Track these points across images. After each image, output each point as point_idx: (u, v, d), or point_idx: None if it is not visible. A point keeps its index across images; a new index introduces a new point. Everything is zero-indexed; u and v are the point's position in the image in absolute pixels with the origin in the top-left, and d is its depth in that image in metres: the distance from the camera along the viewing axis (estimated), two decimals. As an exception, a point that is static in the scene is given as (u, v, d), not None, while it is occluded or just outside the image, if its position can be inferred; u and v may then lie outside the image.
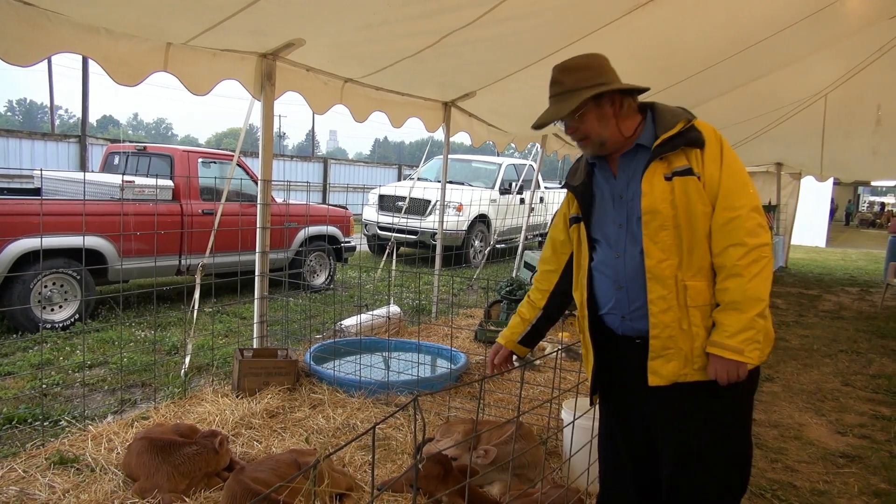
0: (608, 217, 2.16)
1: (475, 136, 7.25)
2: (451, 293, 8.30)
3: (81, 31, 3.43)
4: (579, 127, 2.10)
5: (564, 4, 4.46)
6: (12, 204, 5.39)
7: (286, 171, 20.33)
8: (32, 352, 5.03)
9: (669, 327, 2.02)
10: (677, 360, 2.03)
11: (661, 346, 2.04)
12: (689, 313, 2.02)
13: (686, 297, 2.01)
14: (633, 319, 2.11)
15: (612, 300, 2.16)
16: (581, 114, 2.08)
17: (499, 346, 2.52)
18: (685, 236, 2.01)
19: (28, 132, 14.38)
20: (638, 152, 2.11)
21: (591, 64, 2.12)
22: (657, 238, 2.02)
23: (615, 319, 2.17)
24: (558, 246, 2.40)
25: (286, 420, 3.85)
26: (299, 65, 4.71)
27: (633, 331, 2.13)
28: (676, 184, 2.00)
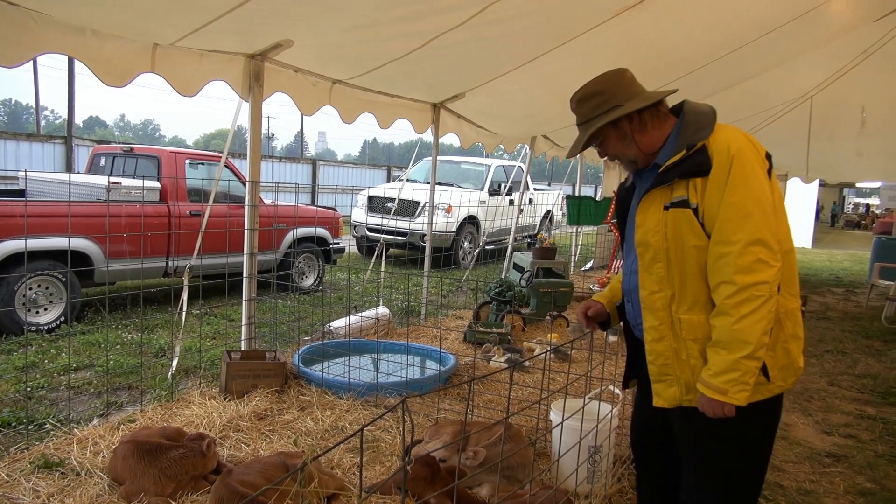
0: (628, 231, 2.20)
1: (464, 137, 7.26)
2: (440, 294, 8.30)
3: (67, 32, 3.40)
4: (606, 150, 2.14)
5: (552, 7, 4.48)
6: (0, 205, 5.33)
7: (275, 173, 20.25)
8: (17, 355, 4.98)
9: (663, 356, 2.03)
10: (677, 386, 2.03)
11: (658, 372, 2.06)
12: (686, 345, 1.99)
13: (681, 330, 1.99)
14: (640, 331, 2.15)
15: (629, 306, 2.24)
16: (602, 140, 2.12)
17: (596, 302, 2.40)
18: (676, 269, 1.96)
19: (13, 133, 14.24)
20: (652, 172, 2.06)
21: (603, 88, 2.08)
22: (651, 269, 2.02)
23: (631, 322, 2.26)
24: None
25: (274, 422, 3.83)
26: (287, 66, 4.70)
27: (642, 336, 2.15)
28: (671, 216, 1.95)
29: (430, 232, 6.89)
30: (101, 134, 75.77)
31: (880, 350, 6.96)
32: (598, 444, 3.11)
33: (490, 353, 5.42)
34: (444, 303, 8.08)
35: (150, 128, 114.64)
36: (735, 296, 1.83)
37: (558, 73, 5.82)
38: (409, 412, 1.62)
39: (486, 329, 6.00)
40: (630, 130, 2.06)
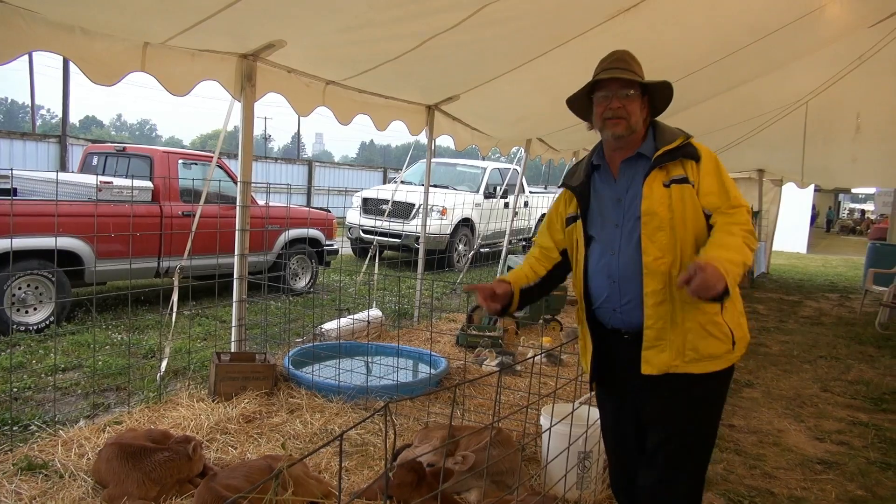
0: (606, 217, 2.33)
1: (459, 139, 7.24)
2: (433, 297, 8.27)
3: (57, 30, 3.37)
4: (625, 105, 2.24)
5: (546, 9, 4.47)
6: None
7: (271, 174, 20.19)
8: (4, 355, 4.93)
9: (662, 319, 2.19)
10: (669, 351, 2.19)
11: (655, 337, 2.20)
12: (683, 310, 2.17)
13: (680, 293, 2.14)
14: (623, 312, 2.28)
15: (605, 294, 2.32)
16: (628, 97, 2.25)
17: (503, 282, 2.46)
18: (679, 237, 2.19)
19: (7, 132, 14.18)
20: (639, 160, 2.31)
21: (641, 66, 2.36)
22: (654, 238, 2.19)
23: (606, 312, 2.34)
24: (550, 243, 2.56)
25: (263, 425, 3.80)
26: (280, 66, 4.67)
27: (623, 323, 2.30)
28: (674, 190, 2.21)
29: (423, 234, 6.87)
30: (97, 133, 75.55)
31: (874, 356, 6.95)
32: (587, 450, 3.08)
33: (482, 356, 5.39)
34: (437, 305, 8.05)
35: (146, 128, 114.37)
36: (745, 232, 2.15)
37: (553, 76, 5.80)
38: (392, 416, 1.60)
39: (479, 332, 5.97)
40: (645, 111, 2.32)
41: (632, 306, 2.25)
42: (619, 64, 2.30)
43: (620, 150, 2.34)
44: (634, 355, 2.25)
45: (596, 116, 2.34)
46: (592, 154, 2.46)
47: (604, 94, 2.28)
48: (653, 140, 2.31)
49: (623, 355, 2.32)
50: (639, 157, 2.31)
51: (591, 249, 2.37)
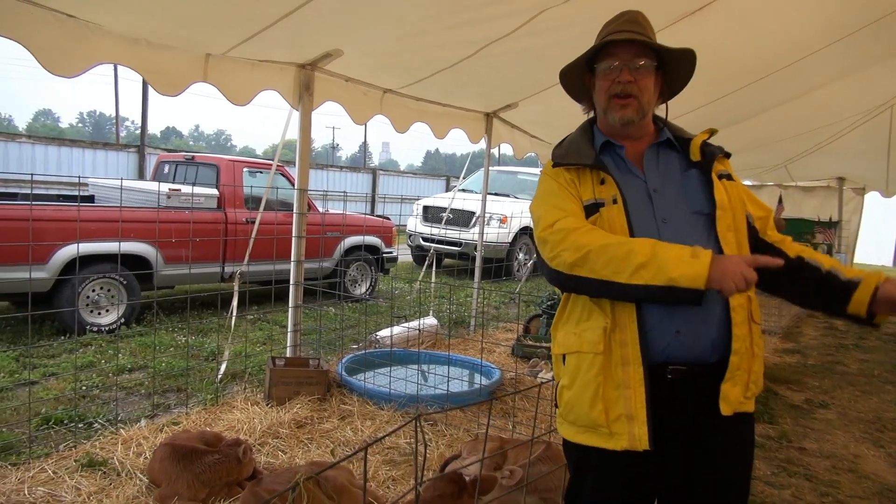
0: (644, 210, 1.80)
1: (518, 147, 7.16)
2: (491, 306, 8.20)
3: (122, 43, 3.51)
4: (637, 80, 1.83)
5: (605, 15, 4.33)
6: (63, 210, 5.58)
7: (337, 182, 20.64)
8: (77, 354, 5.17)
9: (746, 341, 1.76)
10: (741, 384, 1.76)
11: (737, 366, 1.73)
12: (752, 329, 1.79)
13: (752, 311, 1.80)
14: (689, 335, 1.72)
15: (660, 312, 1.72)
16: (649, 68, 1.84)
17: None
18: (740, 241, 1.82)
19: (90, 142, 15.02)
20: (662, 148, 1.92)
21: None
22: (726, 238, 1.78)
23: (661, 338, 1.73)
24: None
25: (313, 431, 3.83)
26: (337, 75, 4.74)
27: (683, 352, 1.72)
28: (727, 186, 1.84)
29: (481, 242, 6.82)
30: (176, 143, 79.22)
31: (965, 378, 6.44)
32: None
33: (537, 367, 5.28)
34: (495, 315, 7.98)
35: (222, 138, 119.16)
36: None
37: (614, 82, 5.66)
38: (422, 430, 1.55)
39: (535, 343, 5.87)
40: (657, 91, 1.92)
41: (706, 326, 1.73)
42: (631, 26, 1.86)
43: (630, 139, 1.90)
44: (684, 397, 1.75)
45: (599, 92, 1.90)
46: (589, 134, 1.96)
47: (611, 63, 1.84)
48: (667, 130, 1.94)
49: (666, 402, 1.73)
50: (663, 145, 1.92)
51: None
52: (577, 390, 1.79)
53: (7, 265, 5.20)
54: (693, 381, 1.75)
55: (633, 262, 1.65)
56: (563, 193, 1.86)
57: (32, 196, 6.32)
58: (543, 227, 1.83)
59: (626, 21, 1.90)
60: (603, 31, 1.95)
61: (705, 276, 1.60)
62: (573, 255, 1.72)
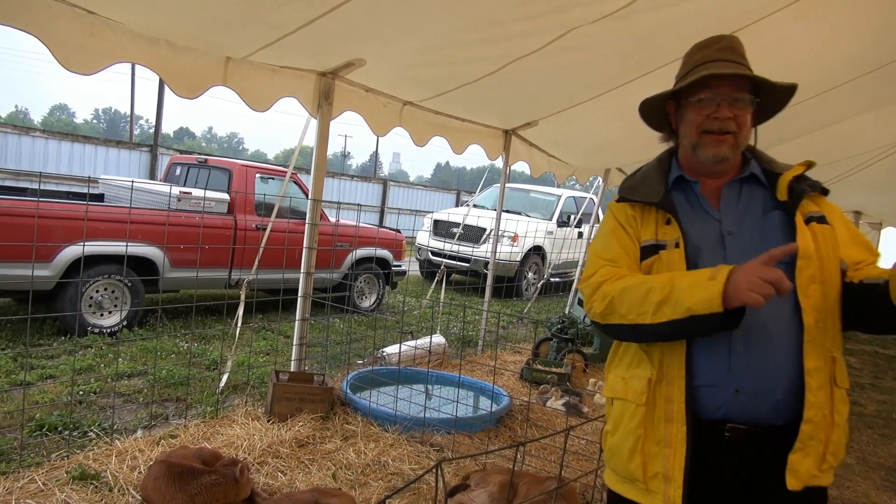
0: (713, 255, 1.65)
1: (535, 166, 7.06)
2: (500, 325, 8.05)
3: (142, 42, 3.42)
4: (738, 115, 1.66)
5: (633, 36, 4.24)
6: (69, 209, 5.48)
7: (347, 191, 20.58)
8: (77, 356, 5.05)
9: (822, 409, 1.57)
10: (814, 455, 1.57)
11: (809, 435, 1.56)
12: (833, 395, 1.61)
13: (835, 374, 1.61)
14: (751, 395, 1.57)
15: (722, 367, 1.59)
16: (748, 103, 1.68)
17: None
18: (829, 295, 1.61)
19: (104, 139, 15.00)
20: (745, 184, 1.73)
21: None
22: (808, 292, 1.58)
23: (718, 395, 1.59)
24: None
25: (315, 451, 3.68)
26: (358, 85, 4.64)
27: (743, 413, 1.58)
28: (817, 231, 1.64)
29: (492, 260, 6.69)
30: (188, 144, 79.59)
31: None
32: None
33: (547, 394, 5.13)
34: (503, 335, 7.83)
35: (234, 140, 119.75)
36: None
37: (637, 105, 5.56)
38: (442, 477, 1.42)
39: (545, 368, 5.72)
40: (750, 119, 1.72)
41: (769, 387, 1.57)
42: (729, 55, 1.68)
43: (714, 176, 1.75)
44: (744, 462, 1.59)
45: (688, 126, 1.72)
46: (665, 167, 1.82)
47: (707, 96, 1.67)
48: (755, 162, 1.76)
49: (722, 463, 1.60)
50: (747, 181, 1.73)
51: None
52: (619, 438, 1.70)
53: (11, 261, 5.10)
54: (756, 444, 1.59)
55: (652, 300, 1.57)
56: (615, 236, 1.77)
57: (42, 192, 6.23)
58: (583, 279, 1.79)
59: (723, 48, 1.72)
60: (695, 57, 1.76)
61: (720, 297, 1.47)
62: (601, 304, 1.67)
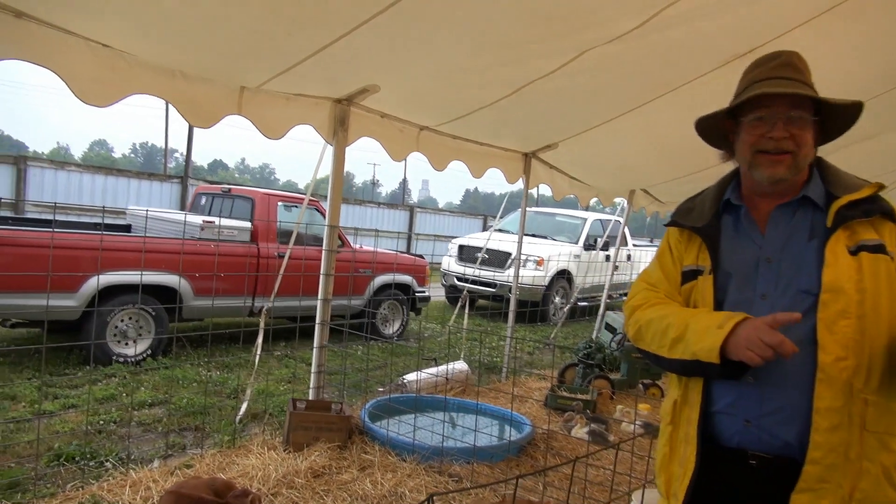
0: (744, 281, 1.64)
1: (556, 188, 6.99)
2: (525, 351, 7.92)
3: (157, 74, 3.48)
4: (795, 134, 1.60)
5: (652, 55, 4.18)
6: (92, 239, 5.57)
7: (374, 219, 20.71)
8: (100, 385, 5.08)
9: (835, 451, 1.49)
10: (830, 499, 1.49)
11: (818, 477, 1.49)
12: (862, 440, 1.50)
13: (864, 417, 1.50)
14: (763, 428, 1.56)
15: (732, 396, 1.61)
16: (806, 120, 1.61)
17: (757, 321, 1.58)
18: (869, 331, 1.50)
19: (136, 172, 15.37)
20: (801, 207, 1.66)
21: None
22: (835, 327, 1.50)
23: (729, 422, 1.62)
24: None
25: (331, 482, 3.61)
26: (373, 111, 4.66)
27: (757, 443, 1.58)
28: (865, 261, 1.53)
29: (515, 284, 6.60)
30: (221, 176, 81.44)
31: None
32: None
33: (571, 422, 4.99)
34: (528, 361, 7.70)
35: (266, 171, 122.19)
36: None
37: (659, 125, 5.49)
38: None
39: (570, 395, 5.58)
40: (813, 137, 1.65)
41: (780, 420, 1.55)
42: (787, 72, 1.62)
43: (771, 196, 1.69)
44: (766, 493, 1.56)
45: (743, 145, 1.67)
46: (724, 188, 1.79)
47: (761, 114, 1.61)
48: (820, 181, 1.67)
49: (744, 489, 1.60)
50: (802, 203, 1.66)
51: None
52: (656, 455, 1.81)
53: (37, 292, 5.18)
54: (778, 477, 1.55)
55: (669, 336, 1.63)
56: (660, 260, 1.85)
57: (67, 224, 6.36)
58: (627, 300, 1.88)
59: (780, 65, 1.65)
60: (751, 75, 1.71)
61: (717, 349, 1.50)
62: (633, 329, 1.76)
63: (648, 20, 3.60)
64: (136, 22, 3.05)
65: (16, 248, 5.07)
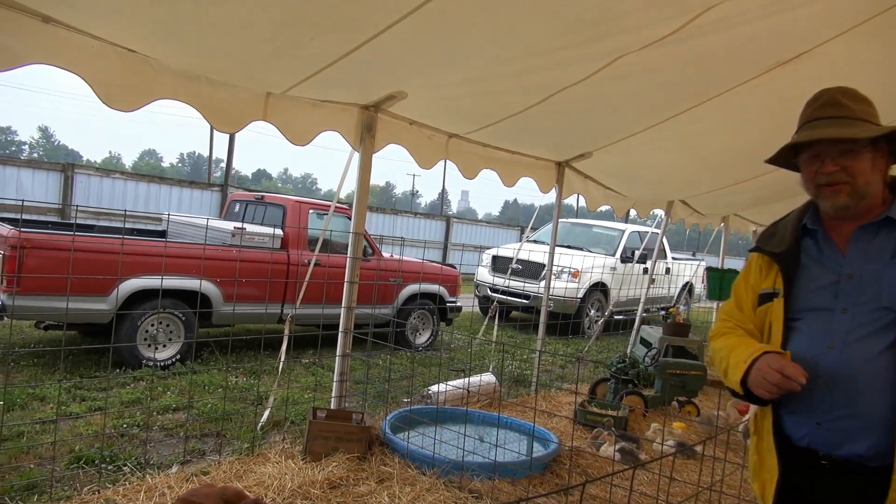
0: (822, 298, 1.77)
1: (591, 199, 6.83)
2: (557, 364, 7.74)
3: (182, 79, 3.49)
4: (848, 165, 1.72)
5: (688, 62, 4.03)
6: (128, 244, 5.65)
7: (412, 228, 20.75)
8: (128, 389, 5.13)
9: None
10: None
11: None
12: None
13: None
14: (834, 431, 1.69)
15: (806, 398, 1.71)
16: (859, 151, 1.72)
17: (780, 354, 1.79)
18: None
19: (178, 180, 15.71)
20: (883, 228, 1.75)
21: (872, 103, 1.83)
22: None
23: (800, 424, 1.77)
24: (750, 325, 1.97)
25: (347, 494, 3.54)
26: (401, 118, 4.61)
27: (825, 445, 1.71)
28: None
29: (546, 297, 6.46)
30: (265, 185, 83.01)
31: None
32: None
33: (600, 439, 4.82)
34: (559, 374, 7.52)
35: (308, 181, 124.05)
36: None
37: (697, 134, 5.32)
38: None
39: (600, 411, 5.40)
40: (882, 165, 1.78)
41: (850, 426, 1.67)
42: (828, 111, 1.76)
43: (851, 219, 1.80)
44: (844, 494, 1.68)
45: (806, 181, 1.84)
46: (804, 214, 1.92)
47: (811, 153, 1.78)
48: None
49: (821, 490, 1.73)
50: (885, 224, 1.75)
51: (795, 336, 1.80)
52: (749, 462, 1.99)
53: (72, 295, 5.27)
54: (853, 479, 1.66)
55: (721, 367, 1.87)
56: (736, 288, 2.01)
57: (107, 230, 6.47)
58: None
59: (824, 104, 1.79)
60: (803, 115, 1.86)
61: (739, 383, 1.74)
62: (710, 355, 2.00)
63: (684, 26, 3.46)
64: (159, 26, 3.05)
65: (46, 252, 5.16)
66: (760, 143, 5.34)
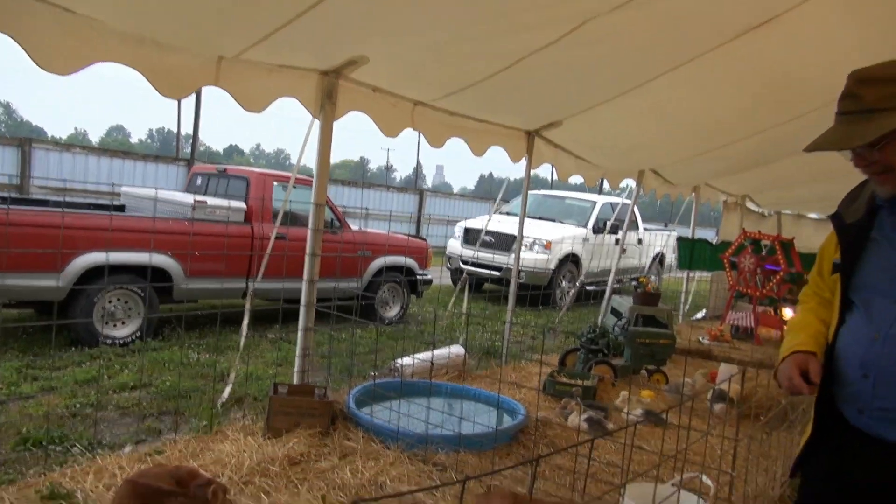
0: (880, 281, 1.69)
1: (562, 169, 6.75)
2: (528, 335, 7.72)
3: (126, 42, 3.29)
4: (879, 159, 1.63)
5: (656, 28, 3.93)
6: (81, 218, 5.44)
7: (385, 202, 20.59)
8: (83, 367, 4.97)
9: None
10: None
11: None
12: None
13: None
14: (875, 419, 1.68)
15: (852, 386, 1.73)
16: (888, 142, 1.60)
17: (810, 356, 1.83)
18: None
19: (143, 155, 15.31)
20: None
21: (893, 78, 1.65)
22: None
23: (848, 407, 1.78)
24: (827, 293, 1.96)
25: (308, 469, 3.44)
26: (364, 84, 4.44)
27: (877, 429, 1.69)
28: None
29: (515, 268, 6.39)
30: (237, 161, 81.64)
31: None
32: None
33: (568, 409, 4.79)
34: (530, 345, 7.50)
35: (281, 156, 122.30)
36: None
37: (669, 101, 5.23)
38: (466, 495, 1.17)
39: (569, 381, 5.37)
40: None
41: (886, 417, 1.66)
42: (844, 105, 1.66)
43: None
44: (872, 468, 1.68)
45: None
46: None
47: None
48: None
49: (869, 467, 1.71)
50: None
51: (848, 318, 1.75)
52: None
53: (24, 272, 5.06)
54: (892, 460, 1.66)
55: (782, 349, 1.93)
56: (822, 253, 1.97)
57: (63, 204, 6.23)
58: None
59: (843, 96, 1.67)
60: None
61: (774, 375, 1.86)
62: None
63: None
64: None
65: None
66: (731, 111, 5.32)
